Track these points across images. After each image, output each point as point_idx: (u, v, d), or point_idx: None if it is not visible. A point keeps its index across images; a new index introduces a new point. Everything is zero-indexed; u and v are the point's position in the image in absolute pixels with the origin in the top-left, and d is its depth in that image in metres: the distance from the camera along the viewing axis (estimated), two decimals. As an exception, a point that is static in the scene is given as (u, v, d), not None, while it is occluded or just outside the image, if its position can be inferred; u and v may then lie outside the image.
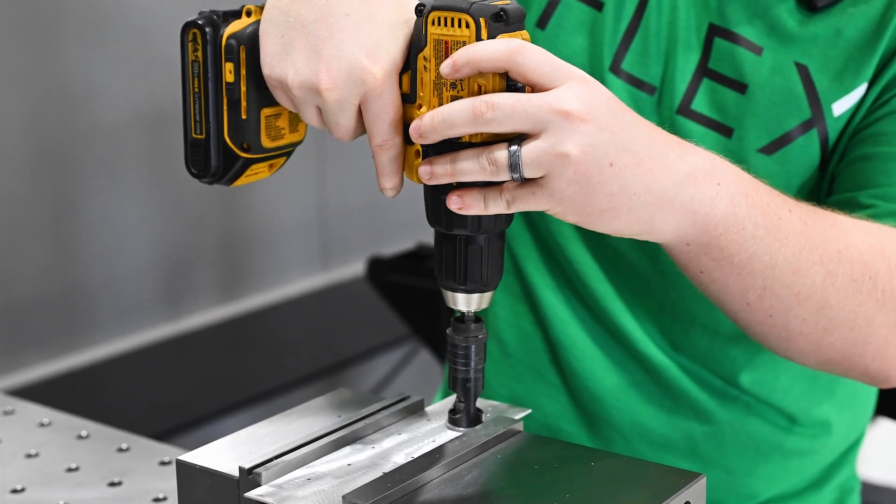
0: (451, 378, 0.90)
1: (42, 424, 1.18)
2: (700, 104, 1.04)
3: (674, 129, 0.97)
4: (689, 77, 1.04)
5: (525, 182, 0.81)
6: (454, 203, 0.82)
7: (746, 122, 1.02)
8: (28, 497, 1.03)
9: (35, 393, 2.05)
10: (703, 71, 1.04)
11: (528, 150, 0.79)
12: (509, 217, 0.86)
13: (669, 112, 1.04)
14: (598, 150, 0.80)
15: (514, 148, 0.79)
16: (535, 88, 0.81)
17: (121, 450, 1.12)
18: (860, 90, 1.01)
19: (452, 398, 0.92)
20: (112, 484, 1.05)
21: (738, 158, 0.97)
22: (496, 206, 0.82)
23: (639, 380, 1.11)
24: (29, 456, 1.11)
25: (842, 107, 1.02)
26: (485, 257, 0.86)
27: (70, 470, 1.08)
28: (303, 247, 2.76)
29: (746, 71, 1.02)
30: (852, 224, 0.96)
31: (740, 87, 1.03)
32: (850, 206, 0.99)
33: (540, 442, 0.91)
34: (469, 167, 0.80)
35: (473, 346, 0.89)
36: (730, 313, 0.97)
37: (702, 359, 1.10)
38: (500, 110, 0.79)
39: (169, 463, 1.09)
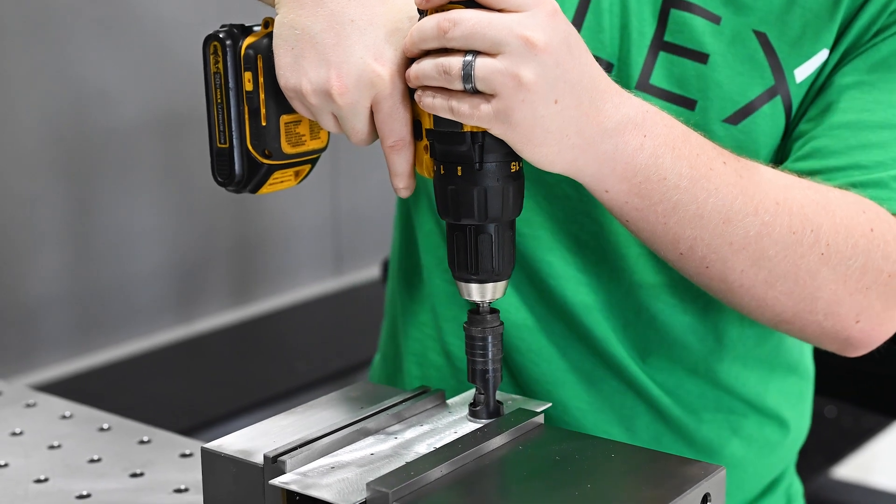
0: (470, 370, 0.91)
1: (64, 417, 1.19)
2: (658, 78, 1.03)
3: None
4: (645, 51, 1.03)
5: (475, 95, 0.82)
6: (417, 95, 0.85)
7: (710, 93, 1.02)
8: (51, 487, 1.04)
9: (50, 392, 2.06)
10: (659, 44, 1.03)
11: (481, 65, 0.81)
12: (518, 206, 0.87)
13: (627, 89, 1.01)
14: (549, 83, 0.82)
15: (468, 58, 0.81)
16: (502, 11, 0.82)
17: (142, 442, 1.13)
18: (821, 56, 1.01)
19: (472, 391, 0.93)
20: (134, 475, 1.06)
21: (703, 130, 0.97)
22: (442, 109, 0.83)
23: (604, 388, 1.08)
24: (51, 447, 1.12)
25: (803, 73, 1.01)
26: (495, 246, 0.87)
27: (92, 461, 1.09)
28: (316, 251, 2.77)
29: (706, 41, 1.01)
30: (796, 180, 0.96)
31: (701, 57, 1.02)
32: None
33: (560, 434, 0.92)
34: (428, 70, 0.83)
35: (490, 337, 0.90)
36: (670, 263, 0.97)
37: (668, 352, 1.08)
38: (461, 28, 0.81)
39: (190, 455, 1.10)
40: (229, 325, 2.58)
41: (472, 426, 0.90)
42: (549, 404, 0.94)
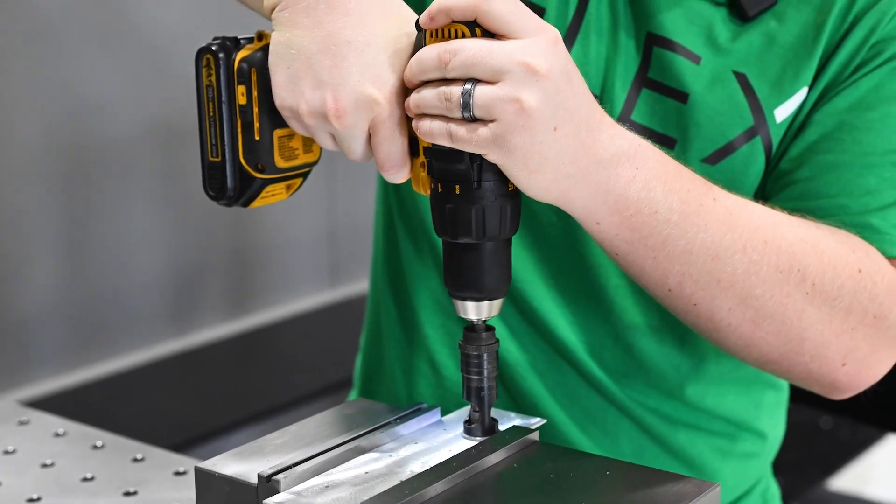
0: (465, 388, 0.91)
1: (57, 435, 1.18)
2: (640, 115, 1.03)
3: None
4: (628, 86, 1.03)
5: (474, 122, 0.82)
6: (414, 124, 0.85)
7: (689, 133, 1.02)
8: (44, 506, 1.04)
9: (44, 406, 2.05)
10: (643, 81, 1.03)
11: (480, 92, 0.81)
12: (515, 224, 0.87)
13: None
14: (551, 109, 0.82)
15: (467, 87, 0.81)
16: (504, 38, 0.82)
17: (136, 460, 1.12)
18: (800, 95, 1.01)
19: (467, 409, 0.93)
20: (127, 493, 1.06)
21: None
22: (440, 135, 0.83)
23: (586, 405, 1.09)
24: (44, 465, 1.11)
25: (783, 112, 1.01)
26: (493, 265, 0.87)
27: (85, 479, 1.08)
28: (312, 263, 2.77)
29: (686, 80, 1.02)
30: (785, 218, 0.96)
31: (681, 96, 1.02)
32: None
33: (555, 451, 0.91)
34: (429, 99, 0.83)
35: (486, 355, 0.90)
36: (658, 300, 0.97)
37: (646, 378, 1.09)
38: (461, 57, 0.81)
39: (184, 473, 1.09)
40: (226, 337, 2.57)
41: (467, 444, 0.90)
42: (544, 421, 0.94)
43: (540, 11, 1.04)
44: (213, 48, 0.89)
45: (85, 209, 2.28)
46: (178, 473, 1.09)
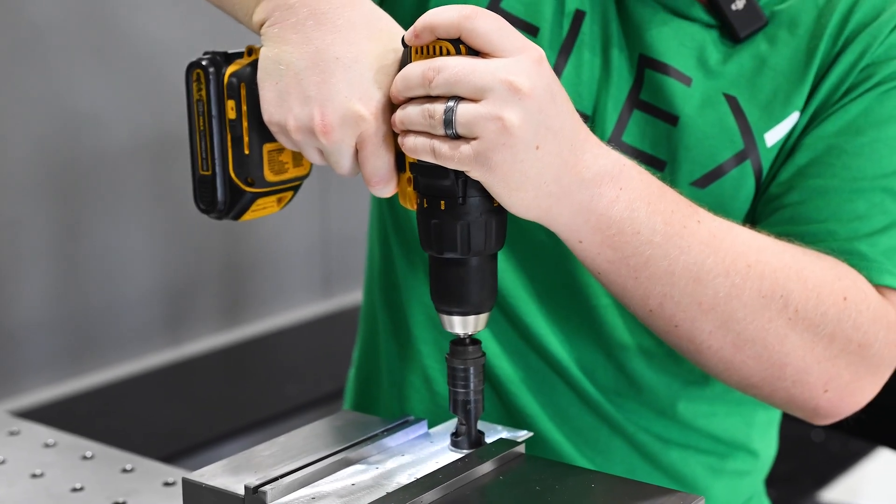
0: (452, 401, 0.91)
1: (47, 445, 1.19)
2: (631, 136, 1.03)
3: None
4: (620, 107, 1.03)
5: (457, 139, 0.82)
6: (399, 140, 0.85)
7: (679, 155, 1.02)
8: (33, 516, 1.04)
9: (36, 417, 2.06)
10: (634, 102, 1.03)
11: (463, 110, 0.81)
12: (500, 239, 0.88)
13: None
14: (533, 128, 0.82)
15: (450, 104, 0.82)
16: (488, 56, 0.82)
17: (125, 470, 1.13)
18: (792, 119, 1.01)
19: (454, 421, 0.94)
20: (117, 504, 1.07)
21: None
22: (424, 151, 0.83)
23: (579, 423, 1.10)
24: (34, 476, 1.12)
25: (774, 137, 1.01)
26: (478, 279, 0.87)
27: (75, 490, 1.09)
28: (305, 273, 2.77)
29: (677, 103, 1.02)
30: (771, 243, 0.95)
31: (671, 118, 1.02)
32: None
33: (541, 464, 0.92)
34: (413, 115, 0.83)
35: (472, 369, 0.90)
36: (640, 319, 0.97)
37: (637, 396, 1.10)
38: (444, 74, 0.81)
39: (173, 484, 1.10)
40: (218, 348, 2.57)
41: (453, 456, 0.90)
42: (531, 434, 0.95)
43: (534, 30, 1.04)
44: (204, 63, 0.90)
45: (77, 220, 2.28)
46: (167, 484, 1.10)
